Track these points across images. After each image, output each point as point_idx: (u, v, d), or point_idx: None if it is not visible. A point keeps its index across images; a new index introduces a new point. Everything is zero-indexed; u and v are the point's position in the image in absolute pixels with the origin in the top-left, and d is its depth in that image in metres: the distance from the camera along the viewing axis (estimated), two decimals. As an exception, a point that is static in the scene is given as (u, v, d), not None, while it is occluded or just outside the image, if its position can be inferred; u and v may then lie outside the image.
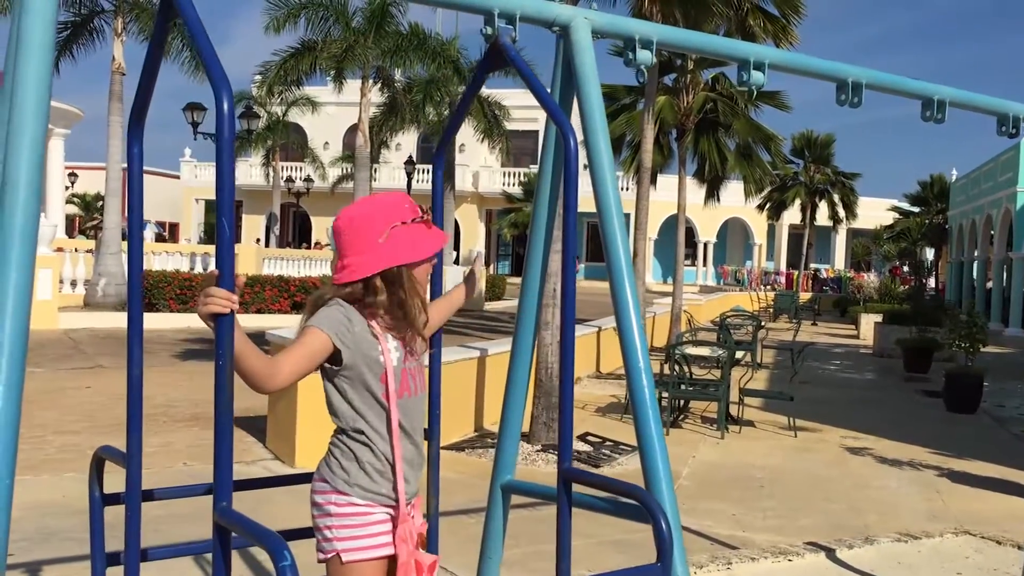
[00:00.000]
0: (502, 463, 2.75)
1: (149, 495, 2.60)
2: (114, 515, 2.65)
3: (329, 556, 2.29)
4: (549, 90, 2.73)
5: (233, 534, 1.87)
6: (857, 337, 24.14)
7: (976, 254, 31.64)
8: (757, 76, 2.88)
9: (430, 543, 2.60)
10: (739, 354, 11.47)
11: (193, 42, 1.84)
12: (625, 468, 7.75)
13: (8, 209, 1.77)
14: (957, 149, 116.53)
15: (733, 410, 10.02)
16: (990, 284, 31.03)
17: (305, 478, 2.76)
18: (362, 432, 2.30)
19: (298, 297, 19.70)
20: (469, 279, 2.77)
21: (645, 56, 2.66)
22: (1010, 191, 26.06)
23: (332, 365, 2.27)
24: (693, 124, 19.07)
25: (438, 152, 2.73)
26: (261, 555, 4.97)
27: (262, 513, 5.53)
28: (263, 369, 2.08)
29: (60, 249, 18.92)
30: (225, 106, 1.78)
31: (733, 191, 27.47)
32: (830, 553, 5.37)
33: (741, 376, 10.57)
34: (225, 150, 1.79)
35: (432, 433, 2.51)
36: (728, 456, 8.51)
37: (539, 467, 7.53)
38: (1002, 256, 28.35)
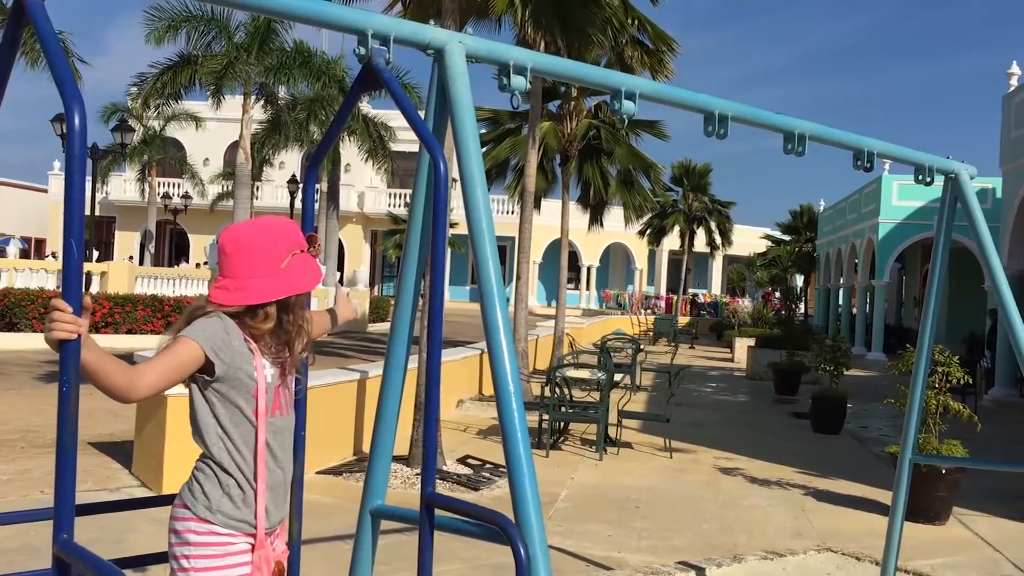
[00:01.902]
0: (372, 487, 2.70)
1: None
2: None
3: None
4: (424, 113, 2.73)
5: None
6: (732, 360, 24.90)
7: (842, 281, 33.20)
8: (628, 105, 2.95)
9: (292, 572, 2.53)
10: (618, 376, 11.69)
11: (44, 53, 1.77)
12: (504, 491, 7.76)
13: None
14: (827, 180, 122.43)
15: (612, 432, 10.19)
16: (855, 310, 32.62)
17: (163, 501, 2.67)
18: (224, 451, 2.22)
19: (172, 317, 19.02)
20: (332, 313, 2.80)
21: (519, 82, 2.69)
22: (872, 222, 27.48)
23: (204, 375, 2.20)
24: (577, 150, 19.42)
25: (310, 169, 2.68)
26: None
27: (126, 543, 5.30)
28: (123, 382, 2.02)
29: (-89, 264, 17.78)
30: (76, 121, 1.72)
31: (616, 217, 28.06)
32: (700, 572, 5.49)
33: (620, 398, 10.75)
34: (75, 168, 1.73)
35: (297, 456, 2.44)
36: (606, 478, 8.63)
37: (418, 491, 7.46)
38: (865, 283, 29.85)
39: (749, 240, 48.53)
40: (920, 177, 4.22)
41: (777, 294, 46.76)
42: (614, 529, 6.75)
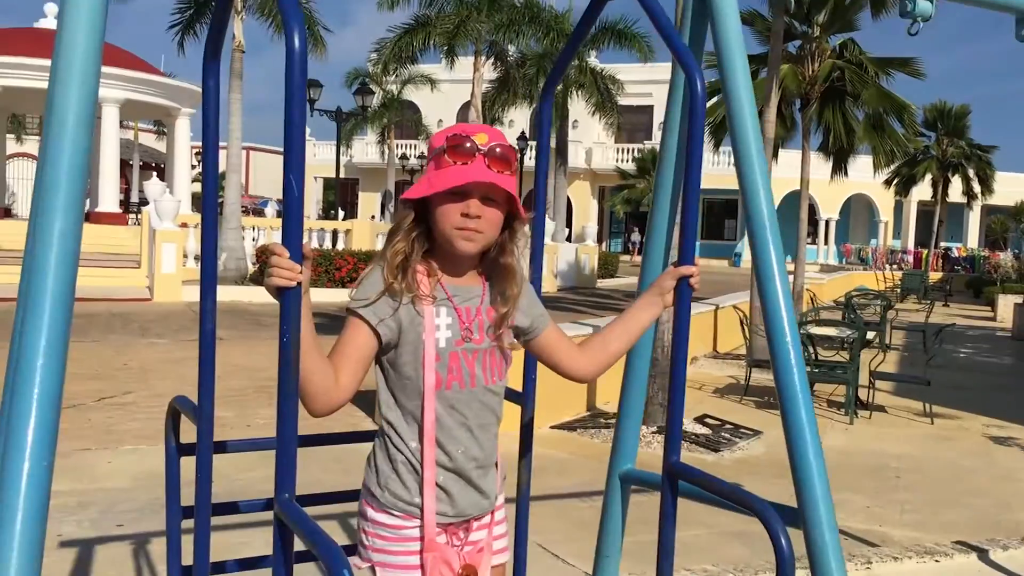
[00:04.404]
0: (621, 451, 2.43)
1: (222, 447, 2.47)
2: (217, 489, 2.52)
3: (365, 566, 1.95)
4: (679, 27, 2.39)
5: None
6: (994, 319, 22.76)
7: None
8: (924, 6, 2.46)
9: (520, 527, 2.24)
10: (870, 335, 10.82)
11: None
12: (747, 453, 7.34)
13: (53, 156, 1.56)
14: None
15: (862, 394, 9.42)
16: None
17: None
18: (392, 426, 1.90)
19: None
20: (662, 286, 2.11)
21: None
22: None
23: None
24: (818, 94, 18.12)
25: (545, 93, 2.40)
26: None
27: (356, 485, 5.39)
28: (324, 388, 1.74)
29: (184, 224, 19.46)
30: (296, 42, 1.48)
31: (859, 166, 26.12)
32: (982, 554, 4.85)
33: (871, 358, 9.93)
34: (295, 96, 1.49)
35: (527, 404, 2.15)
36: (858, 443, 7.96)
37: (654, 449, 7.18)
38: None
39: (1013, 188, 43.99)
40: None
41: (1046, 247, 42.23)
42: (871, 500, 6.17)
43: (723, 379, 10.94)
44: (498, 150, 1.85)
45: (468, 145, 1.83)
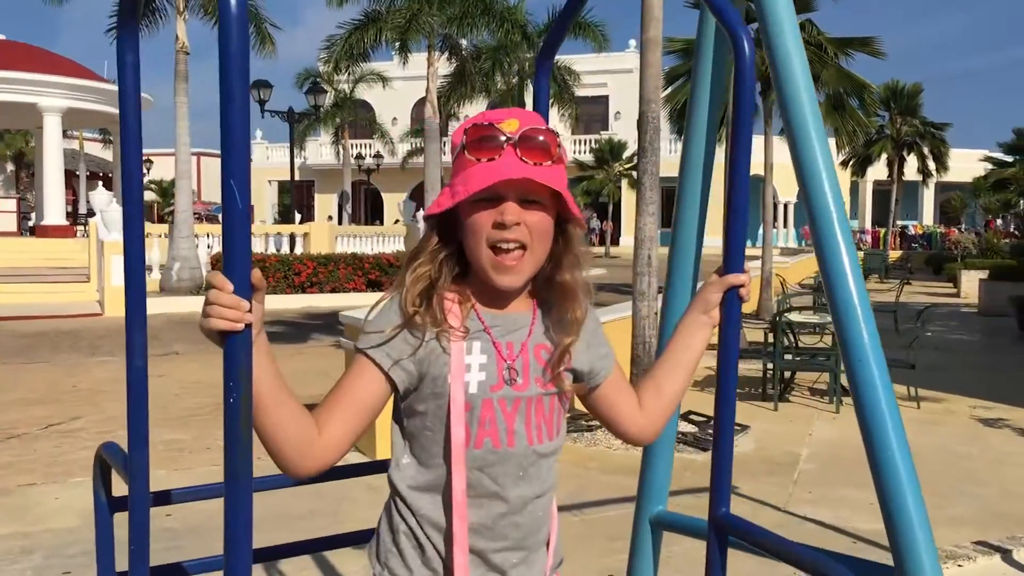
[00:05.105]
0: (650, 490, 2.06)
1: (164, 498, 2.03)
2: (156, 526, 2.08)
3: None
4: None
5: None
6: (957, 295, 22.86)
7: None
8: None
9: None
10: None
11: None
12: (736, 450, 6.98)
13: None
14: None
15: (844, 380, 9.17)
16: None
17: (376, 468, 2.21)
18: (396, 488, 1.50)
19: (372, 275, 19.29)
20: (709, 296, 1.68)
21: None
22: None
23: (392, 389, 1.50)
24: (778, 76, 17.94)
25: (541, 57, 1.99)
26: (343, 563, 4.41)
27: (342, 513, 4.95)
28: (300, 443, 1.34)
29: (134, 235, 18.76)
30: (232, 1, 1.08)
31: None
32: (1005, 555, 4.57)
33: (852, 343, 9.69)
34: (233, 71, 1.08)
35: None
36: (848, 432, 7.68)
37: (638, 454, 6.85)
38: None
39: (964, 164, 44.42)
40: None
41: (999, 221, 42.70)
42: (873, 495, 5.87)
43: (702, 371, 10.65)
44: (534, 137, 1.42)
45: (493, 136, 1.41)
